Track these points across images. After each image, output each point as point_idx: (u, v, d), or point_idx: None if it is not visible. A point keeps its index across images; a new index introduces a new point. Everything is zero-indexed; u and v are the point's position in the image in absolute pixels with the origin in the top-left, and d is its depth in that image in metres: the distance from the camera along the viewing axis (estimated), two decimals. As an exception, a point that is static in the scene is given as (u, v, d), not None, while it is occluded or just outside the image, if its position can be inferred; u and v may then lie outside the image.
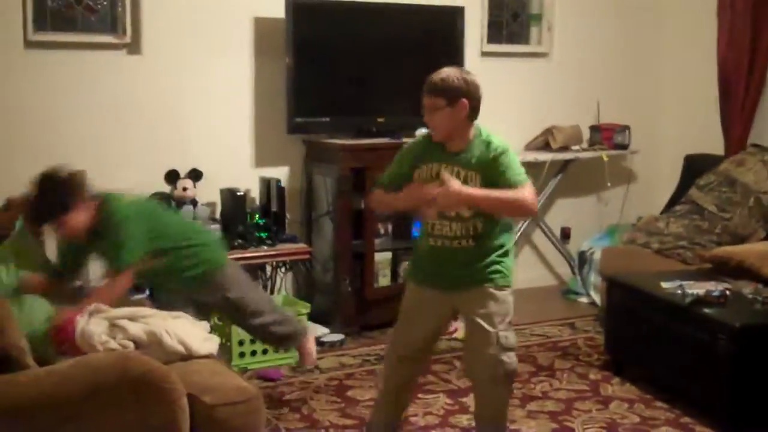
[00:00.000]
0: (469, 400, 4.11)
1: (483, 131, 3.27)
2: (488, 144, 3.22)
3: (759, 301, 3.90)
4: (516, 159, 3.23)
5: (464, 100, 3.15)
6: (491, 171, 3.18)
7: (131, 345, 3.13)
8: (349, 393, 4.22)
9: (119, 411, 2.69)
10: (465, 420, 3.91)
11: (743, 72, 5.65)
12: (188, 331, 3.32)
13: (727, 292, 3.95)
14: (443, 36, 5.46)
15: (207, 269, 3.72)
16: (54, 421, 2.63)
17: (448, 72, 3.21)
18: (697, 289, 3.99)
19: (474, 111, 3.20)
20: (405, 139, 5.20)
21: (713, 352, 3.73)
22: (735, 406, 3.73)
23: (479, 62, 5.80)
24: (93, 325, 3.16)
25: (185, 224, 4.08)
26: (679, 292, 4.02)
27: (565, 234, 6.30)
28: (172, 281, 3.73)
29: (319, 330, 5.00)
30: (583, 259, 5.87)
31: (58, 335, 3.18)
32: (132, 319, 3.26)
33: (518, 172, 3.20)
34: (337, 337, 4.96)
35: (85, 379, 2.67)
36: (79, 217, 3.50)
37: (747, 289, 4.07)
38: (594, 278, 5.69)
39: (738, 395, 3.71)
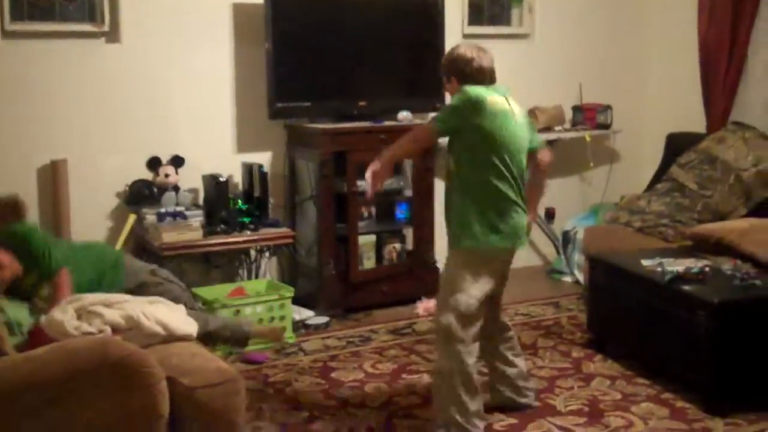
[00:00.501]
0: (453, 380, 4.16)
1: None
2: None
3: (738, 277, 3.91)
4: (449, 105, 3.58)
5: (453, 77, 3.57)
6: None
7: (108, 330, 3.14)
8: (333, 374, 4.24)
9: (99, 395, 2.71)
10: (448, 399, 3.93)
11: (724, 49, 5.66)
12: (166, 314, 3.34)
13: (706, 269, 3.98)
14: (423, 19, 5.46)
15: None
16: (35, 405, 2.65)
17: (446, 52, 3.70)
18: (676, 266, 4.02)
19: (468, 80, 3.52)
20: (386, 123, 5.23)
21: (693, 328, 3.75)
22: (715, 381, 3.74)
23: (460, 44, 5.81)
24: (59, 313, 3.15)
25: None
26: (659, 269, 4.04)
27: (550, 214, 6.32)
28: None
29: (304, 313, 5.02)
30: (567, 238, 5.90)
31: (33, 340, 3.16)
32: (107, 305, 3.28)
33: (434, 117, 3.60)
34: (322, 319, 4.98)
35: (63, 364, 2.70)
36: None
37: (726, 265, 4.09)
38: (578, 257, 5.71)
39: (718, 371, 3.73)
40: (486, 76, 3.54)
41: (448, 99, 3.68)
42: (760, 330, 3.74)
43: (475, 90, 3.44)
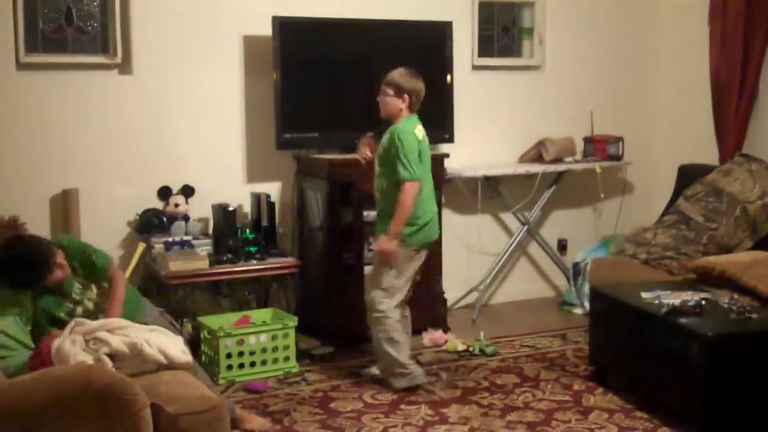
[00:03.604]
0: (450, 411, 4.17)
1: None
2: None
3: (734, 310, 3.90)
4: (405, 153, 4.31)
5: (407, 96, 4.40)
6: None
7: (109, 362, 3.19)
8: (333, 405, 4.27)
9: (83, 422, 2.76)
10: (443, 431, 3.94)
11: (736, 80, 5.65)
12: (167, 343, 3.40)
13: (703, 302, 3.96)
14: (432, 51, 5.51)
15: None
16: (18, 430, 2.71)
17: (404, 69, 4.44)
18: (673, 298, 4.00)
19: (415, 106, 4.45)
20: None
21: (688, 361, 3.74)
22: (710, 414, 3.72)
23: (470, 76, 5.87)
24: (68, 343, 3.22)
25: None
26: (657, 302, 4.03)
27: (562, 245, 6.33)
28: None
29: (310, 342, 5.05)
30: (577, 270, 5.89)
31: (34, 360, 3.25)
32: (110, 331, 3.34)
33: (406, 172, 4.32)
34: (327, 349, 5.01)
35: (47, 390, 2.75)
36: (60, 257, 3.70)
37: (724, 298, 4.07)
38: (588, 289, 5.68)
39: (713, 404, 3.71)
40: None
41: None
42: (755, 364, 3.71)
43: (412, 131, 4.34)
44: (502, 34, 6.14)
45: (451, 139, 5.50)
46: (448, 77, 5.49)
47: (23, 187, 4.82)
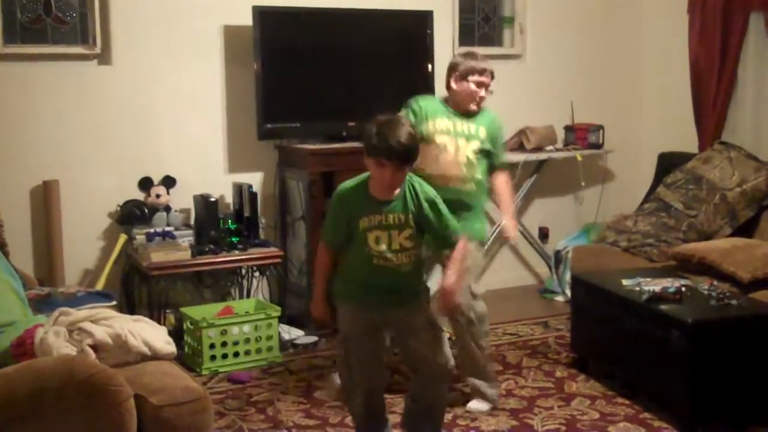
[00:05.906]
0: (433, 399, 4.18)
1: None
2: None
3: (714, 296, 3.93)
4: None
5: None
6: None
7: (92, 354, 3.19)
8: (317, 394, 4.27)
9: (66, 413, 2.74)
10: (427, 418, 3.96)
11: (714, 69, 5.69)
12: (151, 333, 3.39)
13: (683, 289, 3.99)
14: (413, 40, 5.52)
15: None
16: (1, 423, 2.70)
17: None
18: (654, 285, 4.03)
19: None
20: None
21: (668, 347, 3.77)
22: (691, 400, 3.76)
23: (452, 65, 5.86)
24: (52, 335, 3.21)
25: None
26: (637, 289, 4.06)
27: (544, 233, 6.36)
28: None
29: (293, 332, 5.06)
30: (559, 258, 5.92)
31: (17, 350, 3.23)
32: (94, 321, 3.33)
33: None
34: (311, 339, 5.02)
35: (30, 382, 2.73)
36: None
37: (704, 285, 4.10)
38: (569, 277, 5.72)
39: (693, 390, 3.74)
40: None
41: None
42: (735, 350, 3.74)
43: None
44: (483, 23, 6.16)
45: (432, 129, 5.50)
46: (429, 66, 5.49)
47: (2, 179, 4.79)
